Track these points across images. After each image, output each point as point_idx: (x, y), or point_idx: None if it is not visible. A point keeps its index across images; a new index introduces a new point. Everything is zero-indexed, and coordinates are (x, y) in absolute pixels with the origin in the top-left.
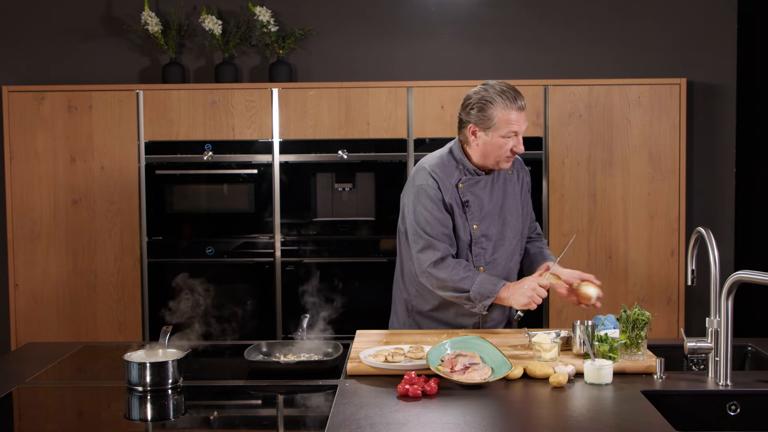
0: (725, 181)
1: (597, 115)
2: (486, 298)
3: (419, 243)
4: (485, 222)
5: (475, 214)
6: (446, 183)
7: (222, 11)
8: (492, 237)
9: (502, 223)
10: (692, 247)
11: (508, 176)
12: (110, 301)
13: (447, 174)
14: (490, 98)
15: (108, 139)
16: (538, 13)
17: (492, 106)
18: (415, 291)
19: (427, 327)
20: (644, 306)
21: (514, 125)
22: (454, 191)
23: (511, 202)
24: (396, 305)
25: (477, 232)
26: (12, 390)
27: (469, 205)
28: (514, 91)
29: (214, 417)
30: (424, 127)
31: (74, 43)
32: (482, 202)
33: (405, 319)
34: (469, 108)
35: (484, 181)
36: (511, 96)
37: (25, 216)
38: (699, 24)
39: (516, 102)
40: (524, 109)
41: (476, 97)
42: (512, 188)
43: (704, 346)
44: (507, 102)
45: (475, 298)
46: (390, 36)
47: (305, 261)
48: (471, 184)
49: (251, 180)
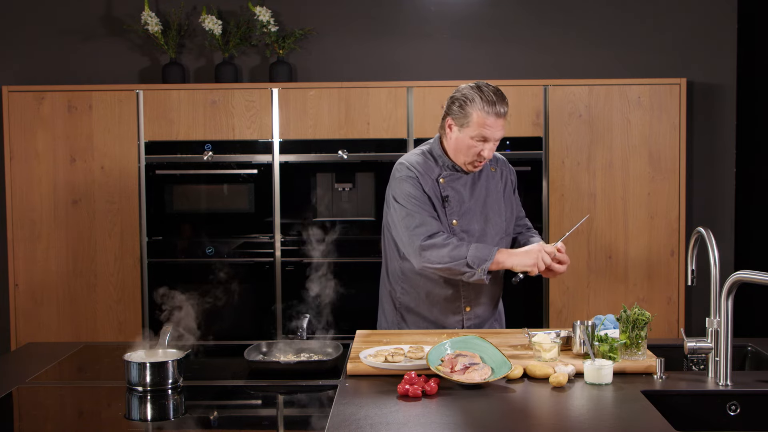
0: (725, 181)
1: (597, 115)
2: (484, 261)
3: (411, 222)
4: (466, 218)
5: (454, 209)
6: (426, 177)
7: (222, 11)
8: (474, 233)
9: (484, 220)
10: (692, 247)
11: (491, 173)
12: (110, 301)
13: (426, 169)
14: (471, 97)
15: (108, 139)
16: (538, 13)
17: (471, 105)
18: (400, 288)
19: (413, 323)
20: (644, 306)
21: (486, 130)
22: (434, 185)
23: (493, 200)
24: (383, 303)
25: (457, 227)
26: (12, 390)
27: (449, 200)
28: (498, 96)
29: (214, 417)
30: (424, 127)
31: (74, 43)
32: (462, 197)
33: (392, 317)
34: (452, 100)
35: (465, 178)
36: (491, 100)
37: (25, 216)
38: (699, 24)
39: (495, 107)
40: (503, 116)
41: (461, 93)
42: (495, 186)
43: (704, 346)
44: (486, 105)
45: (473, 263)
46: (390, 36)
47: (305, 261)
48: (452, 180)
49: (251, 180)
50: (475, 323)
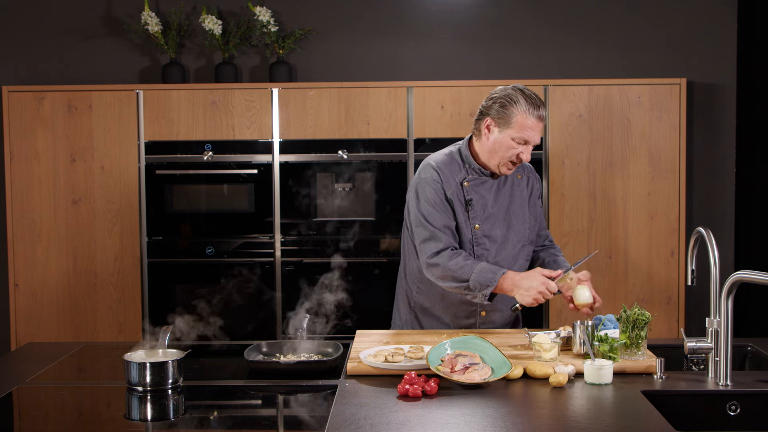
0: (725, 181)
1: (597, 115)
2: (485, 287)
3: (423, 234)
4: (488, 223)
5: (477, 213)
6: (450, 180)
7: (222, 11)
8: (496, 239)
9: (507, 226)
10: (692, 247)
11: (517, 180)
12: (110, 301)
13: (452, 171)
14: (515, 98)
15: (108, 139)
16: (538, 13)
17: (514, 106)
18: (416, 288)
19: (427, 324)
20: (644, 306)
21: (528, 131)
22: (457, 188)
23: (517, 206)
24: (398, 301)
25: (479, 232)
26: (12, 390)
27: (472, 204)
28: (539, 100)
29: (214, 417)
30: (424, 127)
31: (74, 43)
32: (486, 202)
33: (407, 316)
34: (492, 101)
35: (490, 183)
36: (535, 103)
37: (25, 216)
38: (699, 24)
39: (538, 110)
40: (543, 120)
41: (502, 93)
42: (520, 193)
43: (704, 346)
44: (530, 107)
45: (474, 287)
46: (390, 36)
47: (305, 261)
48: (477, 184)
49: (251, 180)
50: (490, 328)
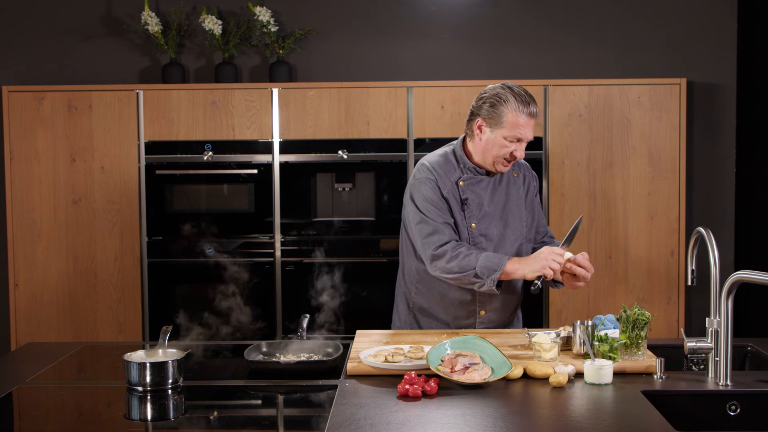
0: (725, 181)
1: (597, 115)
2: (493, 271)
3: (425, 230)
4: (485, 222)
5: (473, 212)
6: (445, 179)
7: (222, 11)
8: (492, 238)
9: (503, 224)
10: (692, 247)
11: (513, 178)
12: (110, 301)
13: (447, 171)
14: (504, 97)
15: (108, 139)
16: (538, 13)
17: (504, 105)
18: (415, 288)
19: (426, 324)
20: (644, 306)
21: (520, 129)
22: (453, 188)
23: (514, 205)
24: (398, 302)
25: (475, 231)
26: (12, 390)
27: (468, 203)
28: (529, 97)
29: (214, 417)
30: (424, 127)
31: (74, 43)
32: (482, 201)
33: (406, 317)
34: (482, 102)
35: (486, 182)
36: (524, 100)
37: (25, 216)
38: (699, 24)
39: (528, 107)
40: (535, 116)
41: (491, 93)
42: (516, 191)
43: (704, 346)
44: (520, 105)
45: (482, 273)
46: (390, 36)
47: (305, 261)
48: (472, 183)
49: (251, 180)
50: (489, 327)
